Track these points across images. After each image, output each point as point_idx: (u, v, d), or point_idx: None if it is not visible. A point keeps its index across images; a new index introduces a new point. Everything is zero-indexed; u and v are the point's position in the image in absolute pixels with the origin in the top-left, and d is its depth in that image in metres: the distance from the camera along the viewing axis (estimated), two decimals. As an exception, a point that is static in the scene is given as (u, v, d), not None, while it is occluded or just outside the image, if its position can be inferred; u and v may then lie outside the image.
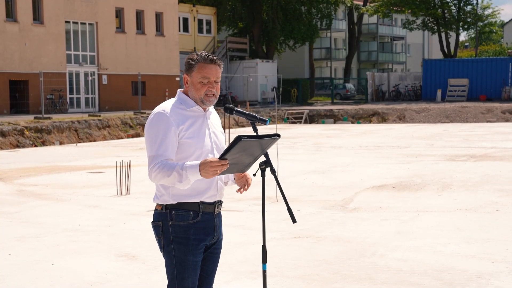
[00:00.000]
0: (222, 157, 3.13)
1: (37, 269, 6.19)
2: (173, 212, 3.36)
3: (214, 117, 3.56)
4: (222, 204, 3.52)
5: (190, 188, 3.33)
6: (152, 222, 3.47)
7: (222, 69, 3.47)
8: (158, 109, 3.37)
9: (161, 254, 3.47)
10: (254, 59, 43.98)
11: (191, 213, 3.36)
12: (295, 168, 13.80)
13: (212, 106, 3.52)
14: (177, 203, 3.36)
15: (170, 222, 3.36)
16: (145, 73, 35.18)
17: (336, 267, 6.08)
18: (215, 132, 3.49)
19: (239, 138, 3.08)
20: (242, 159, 3.22)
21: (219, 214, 3.51)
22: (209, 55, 3.38)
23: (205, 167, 3.14)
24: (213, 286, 3.60)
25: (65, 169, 14.54)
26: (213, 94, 3.39)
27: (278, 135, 3.28)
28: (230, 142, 3.13)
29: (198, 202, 3.37)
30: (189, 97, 3.42)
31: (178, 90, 3.49)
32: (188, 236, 3.35)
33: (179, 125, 3.32)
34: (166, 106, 3.38)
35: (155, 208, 3.45)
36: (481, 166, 13.61)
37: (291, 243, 7.08)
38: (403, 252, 6.58)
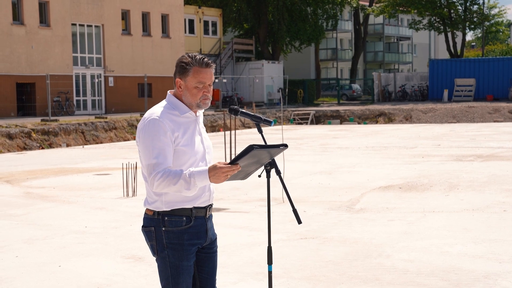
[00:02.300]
0: (233, 163, 3.13)
1: (44, 271, 6.21)
2: (166, 218, 3.31)
3: (201, 119, 3.52)
4: (212, 206, 3.50)
5: (184, 195, 3.30)
6: (143, 227, 3.40)
7: (228, 71, 3.46)
8: (151, 115, 3.28)
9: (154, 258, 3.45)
10: (260, 60, 43.98)
11: (184, 218, 3.32)
12: (302, 169, 13.79)
13: None
14: (170, 209, 3.32)
15: (163, 228, 3.31)
16: (151, 75, 35.25)
17: (343, 268, 6.08)
18: (206, 137, 3.46)
19: (251, 148, 3.09)
20: (248, 167, 3.25)
21: (210, 216, 3.49)
22: (203, 59, 3.31)
23: (216, 173, 3.12)
24: (218, 286, 3.59)
25: (72, 171, 14.58)
26: (208, 98, 3.36)
27: (286, 145, 3.29)
28: (243, 149, 3.14)
29: (191, 208, 3.34)
30: (181, 100, 3.35)
31: (168, 92, 3.40)
32: (182, 241, 3.32)
33: (174, 132, 3.27)
34: (159, 111, 3.29)
35: (145, 213, 3.39)
36: (488, 166, 13.57)
37: (297, 244, 7.08)
38: (409, 253, 6.56)
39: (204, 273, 3.49)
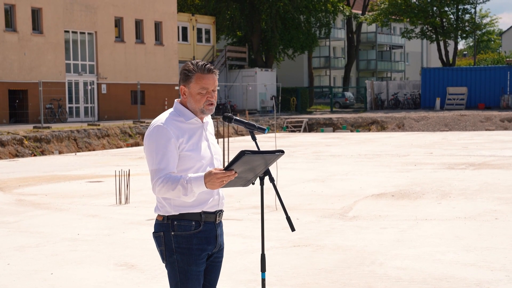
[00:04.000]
0: (227, 169, 3.14)
1: (36, 279, 6.19)
2: (175, 222, 3.35)
3: (210, 127, 3.56)
4: (223, 213, 3.53)
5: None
6: (153, 233, 3.45)
7: (222, 78, 3.48)
8: (156, 122, 3.35)
9: (163, 264, 3.46)
10: (253, 68, 44.05)
11: (193, 223, 3.36)
12: (295, 177, 13.80)
13: (209, 115, 3.53)
14: (179, 213, 3.36)
15: (172, 233, 3.35)
16: (144, 82, 35.23)
17: (336, 276, 6.08)
18: (214, 143, 3.50)
19: (242, 153, 3.09)
20: (245, 174, 3.24)
21: (220, 223, 3.53)
22: (205, 65, 3.36)
23: (211, 179, 3.14)
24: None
25: (64, 178, 14.53)
26: (212, 103, 3.40)
27: (282, 151, 3.28)
28: (234, 156, 3.14)
29: (200, 212, 3.37)
30: (187, 108, 3.41)
31: (175, 100, 3.47)
32: (190, 246, 3.35)
33: (179, 138, 3.32)
34: (164, 118, 3.36)
35: (156, 219, 3.44)
36: (480, 174, 13.62)
37: (290, 251, 7.08)
38: (402, 261, 6.58)
39: (206, 281, 3.51)
